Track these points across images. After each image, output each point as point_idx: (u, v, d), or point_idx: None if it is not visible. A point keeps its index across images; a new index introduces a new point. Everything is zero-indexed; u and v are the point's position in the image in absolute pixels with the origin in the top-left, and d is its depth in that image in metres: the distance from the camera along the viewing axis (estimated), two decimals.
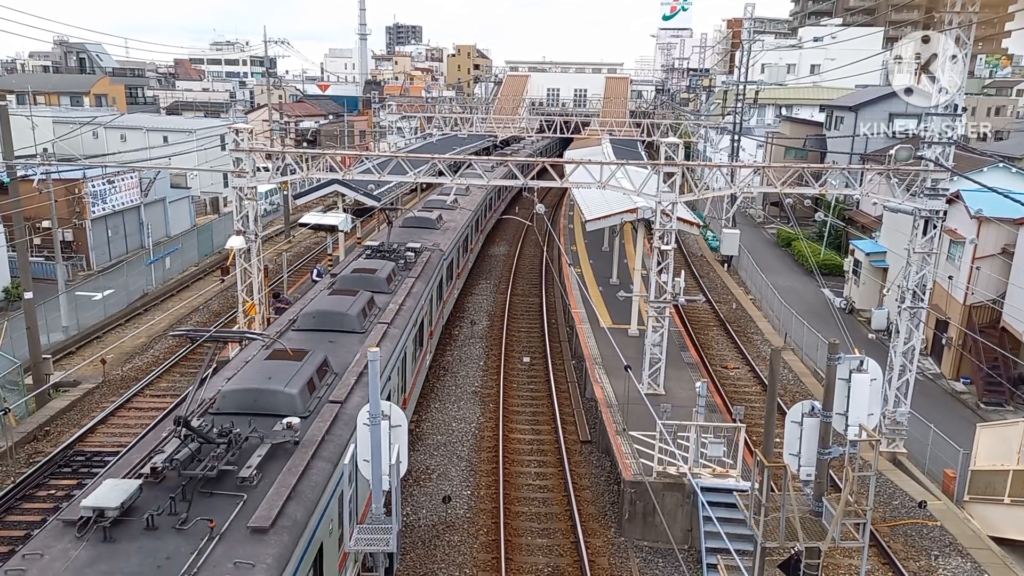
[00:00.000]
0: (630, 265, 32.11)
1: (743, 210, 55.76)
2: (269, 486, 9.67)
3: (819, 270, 35.46)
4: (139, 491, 9.15)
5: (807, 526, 10.58)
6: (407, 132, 78.03)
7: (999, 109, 64.93)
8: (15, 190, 22.11)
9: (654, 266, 20.46)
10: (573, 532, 16.78)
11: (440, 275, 24.60)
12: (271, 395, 11.86)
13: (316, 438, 11.10)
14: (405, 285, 20.54)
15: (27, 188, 27.74)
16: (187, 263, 38.55)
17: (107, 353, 25.27)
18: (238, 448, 10.28)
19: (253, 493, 9.49)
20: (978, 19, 21.32)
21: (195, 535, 8.57)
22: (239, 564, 8.19)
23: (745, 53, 50.12)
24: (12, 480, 18.14)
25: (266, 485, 9.71)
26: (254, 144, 22.72)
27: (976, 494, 18.41)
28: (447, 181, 22.52)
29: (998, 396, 25.42)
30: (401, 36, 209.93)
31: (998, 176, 28.31)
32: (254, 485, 9.68)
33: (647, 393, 19.84)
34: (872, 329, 31.23)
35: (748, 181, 22.30)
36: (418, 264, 23.08)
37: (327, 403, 12.46)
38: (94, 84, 74.01)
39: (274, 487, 9.65)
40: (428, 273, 22.58)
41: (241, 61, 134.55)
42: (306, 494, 9.86)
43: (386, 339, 16.23)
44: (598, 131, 53.43)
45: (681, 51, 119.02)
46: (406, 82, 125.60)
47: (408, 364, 18.56)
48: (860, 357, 10.68)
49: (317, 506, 9.97)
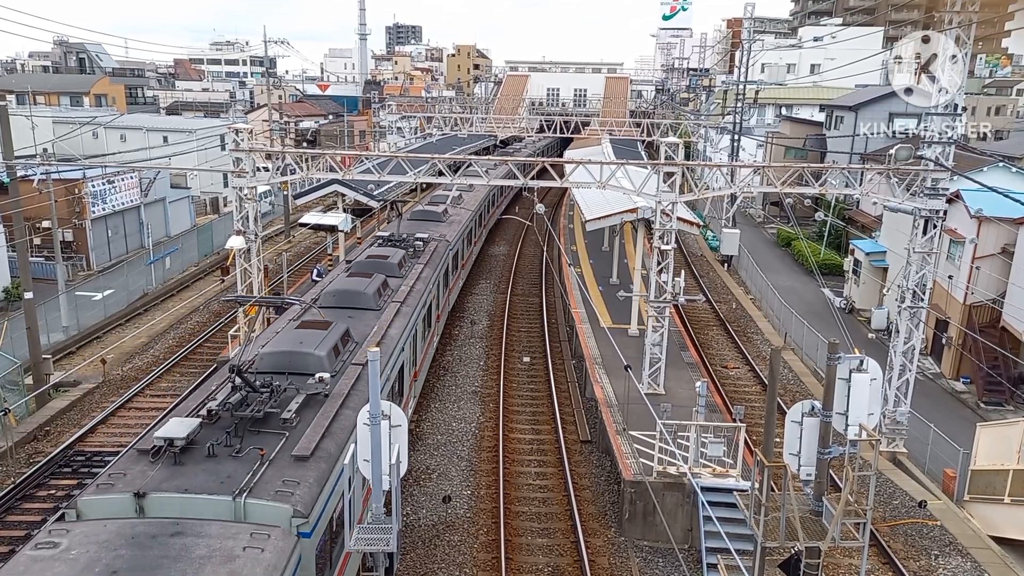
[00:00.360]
0: (630, 265, 32.11)
1: (743, 210, 55.76)
2: (306, 427, 11.46)
3: (819, 270, 35.46)
4: (199, 427, 10.89)
5: (807, 526, 10.58)
6: (407, 132, 78.03)
7: (999, 109, 64.95)
8: (15, 190, 22.11)
9: (654, 266, 20.46)
10: (573, 532, 16.78)
11: (446, 263, 26.14)
12: (303, 356, 13.57)
13: (343, 392, 12.86)
14: (415, 271, 22.15)
15: (27, 188, 27.73)
16: (187, 263, 38.55)
17: (107, 353, 25.27)
18: (279, 397, 12.06)
19: (293, 432, 11.32)
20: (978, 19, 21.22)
21: (248, 461, 10.41)
22: (287, 482, 9.99)
23: (745, 53, 50.13)
24: (12, 480, 18.15)
25: (303, 426, 11.51)
26: (254, 144, 22.72)
27: (976, 494, 18.41)
28: (447, 181, 22.53)
29: (998, 396, 25.43)
30: (401, 36, 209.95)
31: (998, 176, 28.32)
32: (294, 426, 11.47)
33: (647, 393, 19.84)
34: (872, 329, 31.22)
35: (748, 181, 22.30)
36: (426, 252, 24.58)
37: (350, 365, 14.11)
38: (94, 84, 74.02)
39: (311, 426, 11.49)
40: (435, 261, 24.20)
41: (241, 61, 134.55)
42: (337, 434, 11.62)
43: (399, 316, 18.03)
44: (598, 131, 53.43)
45: (681, 51, 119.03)
46: (406, 82, 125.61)
47: (418, 340, 20.46)
48: (860, 357, 10.67)
49: (346, 444, 11.41)
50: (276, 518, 9.47)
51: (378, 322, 17.05)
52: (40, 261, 32.72)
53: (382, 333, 16.37)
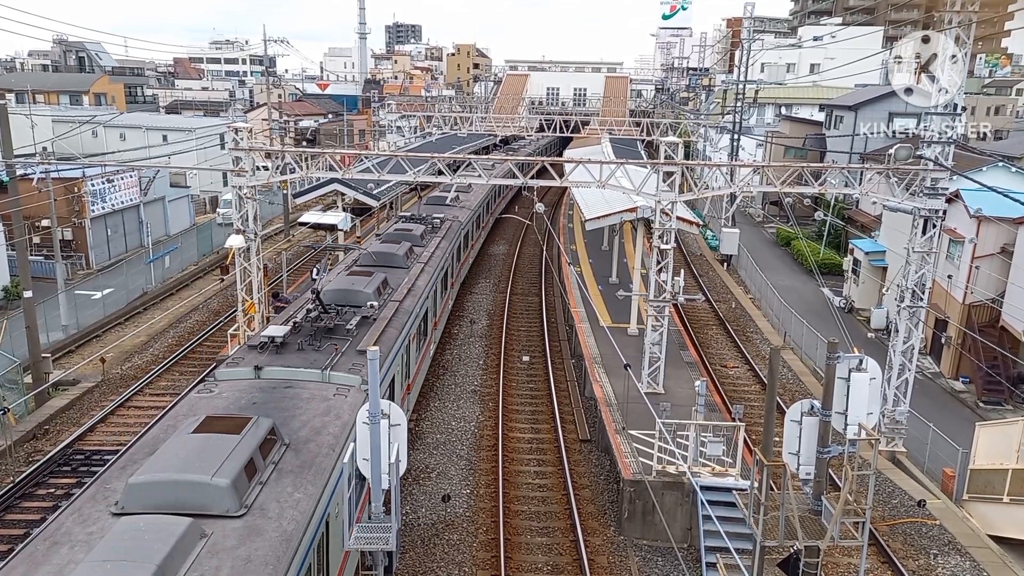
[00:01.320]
0: (629, 264, 32.10)
1: (742, 209, 55.77)
2: (363, 335, 15.89)
3: (818, 269, 35.47)
4: (290, 332, 15.38)
5: (806, 525, 10.58)
6: (406, 131, 78.00)
7: (999, 108, 64.98)
8: (14, 189, 22.10)
9: (653, 265, 20.47)
10: (572, 531, 16.79)
11: (459, 240, 30.46)
12: (356, 293, 18.29)
13: (387, 316, 17.42)
14: (434, 242, 26.41)
15: (26, 187, 27.71)
16: (186, 262, 38.53)
17: (106, 352, 25.26)
18: (342, 317, 16.54)
19: (355, 338, 15.69)
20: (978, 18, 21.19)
21: (327, 352, 14.74)
22: (355, 364, 14.23)
23: (745, 52, 50.12)
24: (12, 479, 18.15)
25: (362, 334, 15.96)
26: (253, 143, 22.70)
27: (975, 493, 18.43)
28: (447, 180, 22.54)
29: (997, 395, 25.44)
30: (401, 35, 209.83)
31: (997, 175, 28.32)
32: (354, 334, 15.88)
33: (646, 392, 19.84)
34: (871, 328, 31.23)
35: (747, 180, 22.34)
36: (443, 228, 29.08)
37: (389, 301, 18.65)
38: (93, 83, 73.91)
39: (368, 334, 15.97)
40: (450, 236, 28.57)
41: (240, 60, 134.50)
42: (384, 341, 15.99)
43: (423, 273, 22.30)
44: (598, 130, 53.41)
45: (681, 50, 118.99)
46: (405, 81, 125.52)
47: (438, 296, 24.82)
48: (859, 356, 10.68)
49: (392, 349, 16.14)
50: (350, 383, 13.69)
51: (407, 275, 21.56)
52: (39, 260, 32.70)
53: (411, 283, 20.75)
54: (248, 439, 10.31)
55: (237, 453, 9.89)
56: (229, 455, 9.77)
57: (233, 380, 13.64)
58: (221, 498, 9.21)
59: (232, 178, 21.76)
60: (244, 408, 12.16)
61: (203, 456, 9.75)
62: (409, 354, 18.77)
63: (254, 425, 10.71)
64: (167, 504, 9.07)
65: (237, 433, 10.36)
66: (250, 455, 10.00)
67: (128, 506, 9.16)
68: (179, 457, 9.82)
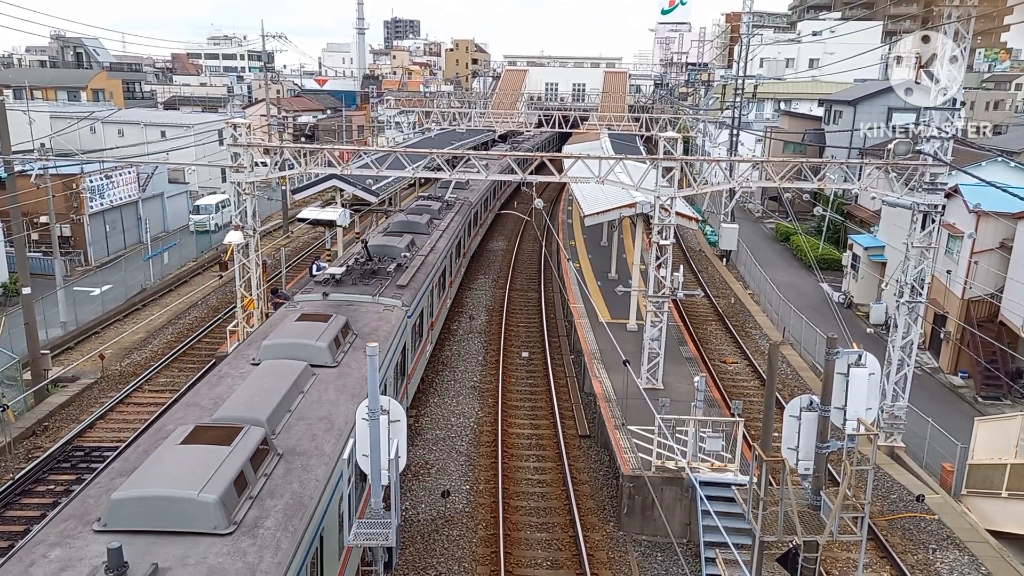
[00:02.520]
0: (629, 260, 32.10)
1: (742, 205, 55.76)
2: (399, 275, 20.84)
3: (817, 265, 35.47)
4: (344, 272, 20.39)
5: (805, 520, 10.59)
6: (405, 127, 77.89)
7: (998, 103, 64.95)
8: (12, 185, 22.07)
9: (653, 261, 20.46)
10: (572, 526, 16.81)
11: (470, 216, 35.02)
12: (391, 247, 23.52)
13: (417, 265, 22.20)
14: (449, 215, 30.96)
15: (24, 183, 27.67)
16: (185, 258, 38.51)
17: (106, 348, 25.26)
18: (384, 262, 21.78)
19: (393, 277, 20.65)
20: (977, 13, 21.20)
21: (373, 285, 19.60)
22: (396, 294, 19.06)
23: (744, 47, 50.05)
24: (11, 476, 18.15)
25: (398, 275, 20.82)
26: (252, 139, 22.67)
27: (974, 488, 18.46)
28: (446, 176, 22.52)
29: (996, 390, 25.47)
30: (399, 31, 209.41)
31: (997, 170, 28.30)
32: (392, 274, 20.92)
33: (646, 388, 19.87)
34: (870, 323, 31.26)
35: (747, 176, 22.29)
36: (456, 206, 33.53)
37: (417, 255, 23.45)
38: (91, 79, 73.67)
39: (402, 275, 20.88)
40: (463, 212, 33.04)
41: (239, 56, 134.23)
42: (416, 278, 21.10)
43: (441, 238, 26.97)
44: (597, 126, 53.36)
45: (680, 45, 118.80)
46: (404, 77, 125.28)
47: (453, 259, 29.09)
48: (858, 351, 10.67)
49: (420, 288, 20.79)
50: (393, 304, 18.51)
51: (429, 239, 26.15)
52: (38, 256, 32.68)
53: (433, 245, 25.44)
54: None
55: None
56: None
57: (307, 301, 18.44)
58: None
59: (230, 174, 21.74)
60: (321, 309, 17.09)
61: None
62: (432, 297, 23.30)
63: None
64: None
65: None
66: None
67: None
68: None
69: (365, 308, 17.91)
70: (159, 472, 9.41)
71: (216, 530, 8.76)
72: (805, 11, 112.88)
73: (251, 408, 11.39)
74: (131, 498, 8.85)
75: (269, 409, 11.47)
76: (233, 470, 9.49)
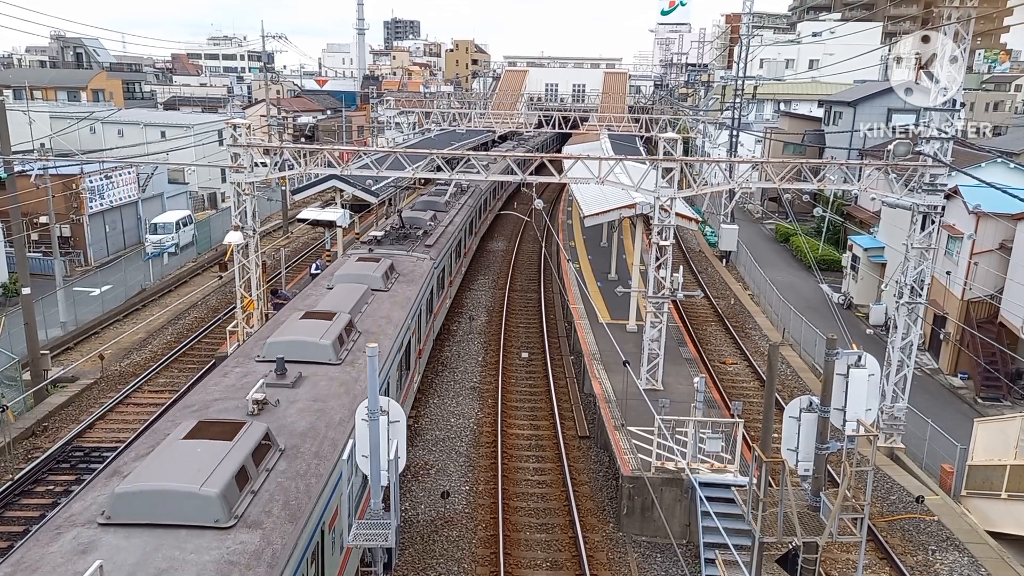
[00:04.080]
0: (628, 261, 32.09)
1: (741, 206, 55.76)
2: (427, 237, 25.88)
3: (817, 265, 35.47)
4: (383, 235, 25.32)
5: (805, 521, 10.59)
6: (405, 128, 77.89)
7: (997, 104, 64.96)
8: (12, 186, 22.06)
9: (652, 262, 20.45)
10: (572, 527, 16.81)
11: (480, 201, 39.20)
12: (419, 219, 28.60)
13: (439, 232, 27.31)
14: (458, 204, 34.02)
15: (24, 183, 27.66)
16: (185, 259, 38.48)
17: (105, 349, 25.25)
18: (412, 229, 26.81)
19: (421, 239, 25.43)
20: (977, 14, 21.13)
21: (406, 245, 24.26)
22: (424, 251, 24.12)
23: (744, 48, 50.05)
24: (11, 476, 18.13)
25: (424, 237, 25.81)
26: (252, 139, 22.67)
27: (973, 489, 18.46)
28: (446, 176, 22.52)
29: (995, 391, 25.47)
30: (399, 31, 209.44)
31: (996, 171, 28.31)
32: (421, 237, 25.67)
33: (645, 388, 19.87)
34: (870, 324, 31.26)
35: (746, 177, 22.29)
36: (465, 194, 36.43)
37: (439, 226, 28.44)
38: (91, 79, 73.62)
39: (429, 236, 26.08)
40: (475, 196, 37.54)
41: (239, 56, 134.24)
42: (440, 240, 26.23)
43: (457, 216, 31.33)
44: (596, 126, 53.35)
45: (679, 46, 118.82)
46: (404, 77, 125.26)
47: (464, 238, 32.96)
48: (858, 352, 10.68)
49: (444, 248, 25.93)
50: (423, 256, 23.46)
51: (448, 215, 30.77)
52: (38, 257, 32.67)
53: (450, 220, 29.96)
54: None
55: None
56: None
57: (357, 252, 22.74)
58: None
59: (230, 174, 21.73)
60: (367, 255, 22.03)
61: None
62: (451, 258, 28.40)
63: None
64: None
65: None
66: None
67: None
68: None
69: (402, 258, 22.78)
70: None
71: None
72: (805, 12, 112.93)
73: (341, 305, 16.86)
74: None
75: (351, 305, 17.05)
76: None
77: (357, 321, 16.41)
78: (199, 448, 9.92)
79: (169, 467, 9.54)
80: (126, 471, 9.90)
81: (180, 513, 8.86)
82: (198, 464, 9.50)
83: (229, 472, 9.44)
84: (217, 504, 8.97)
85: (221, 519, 8.95)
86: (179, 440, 10.20)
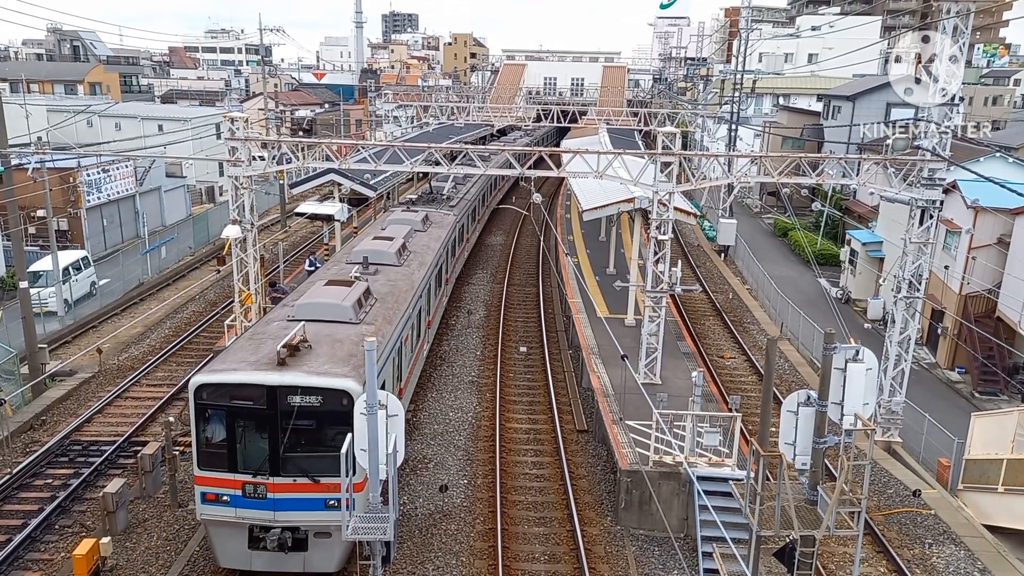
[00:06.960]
0: (627, 255, 32.10)
1: (740, 200, 55.74)
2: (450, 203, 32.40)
3: (816, 260, 35.47)
4: (416, 198, 32.61)
5: (802, 515, 10.62)
6: (403, 121, 77.74)
7: (996, 98, 64.92)
8: (9, 179, 22.00)
9: (651, 256, 20.45)
10: (569, 521, 16.85)
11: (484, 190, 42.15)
12: (441, 187, 35.30)
13: (457, 201, 32.81)
14: (467, 184, 37.72)
15: (21, 177, 27.59)
16: (183, 252, 38.43)
17: (103, 343, 25.23)
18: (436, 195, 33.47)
19: (445, 201, 32.64)
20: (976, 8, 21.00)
21: (439, 205, 31.57)
22: (448, 210, 30.99)
23: (743, 42, 49.97)
24: (9, 470, 18.14)
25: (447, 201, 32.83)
26: (249, 133, 22.59)
27: (970, 483, 18.51)
28: (444, 170, 22.49)
29: (993, 385, 25.53)
30: (397, 24, 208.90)
31: (995, 166, 28.31)
32: (444, 200, 32.82)
33: (644, 382, 19.89)
34: (868, 319, 31.30)
35: (745, 171, 22.27)
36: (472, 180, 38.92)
37: (457, 197, 33.48)
38: (88, 72, 73.39)
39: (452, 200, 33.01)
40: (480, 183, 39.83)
41: (236, 49, 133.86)
42: (459, 205, 32.63)
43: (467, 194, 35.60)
44: (595, 120, 53.28)
45: (679, 40, 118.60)
46: (402, 71, 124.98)
47: (476, 212, 38.41)
48: (856, 347, 10.69)
49: (463, 209, 32.93)
50: (448, 213, 30.31)
51: (464, 187, 36.31)
52: (35, 250, 32.59)
53: (461, 198, 33.98)
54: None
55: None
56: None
57: (399, 207, 30.23)
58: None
59: (228, 168, 21.65)
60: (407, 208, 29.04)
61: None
62: (468, 220, 34.28)
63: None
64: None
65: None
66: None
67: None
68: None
69: (431, 213, 28.77)
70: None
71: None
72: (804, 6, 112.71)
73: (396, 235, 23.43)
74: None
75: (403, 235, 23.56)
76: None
77: (408, 244, 23.34)
78: (334, 288, 17.08)
79: (323, 294, 16.73)
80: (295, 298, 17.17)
81: (332, 313, 15.92)
82: (339, 294, 16.68)
83: (354, 297, 16.58)
84: (351, 311, 16.10)
85: (352, 319, 15.98)
86: (322, 286, 17.37)
